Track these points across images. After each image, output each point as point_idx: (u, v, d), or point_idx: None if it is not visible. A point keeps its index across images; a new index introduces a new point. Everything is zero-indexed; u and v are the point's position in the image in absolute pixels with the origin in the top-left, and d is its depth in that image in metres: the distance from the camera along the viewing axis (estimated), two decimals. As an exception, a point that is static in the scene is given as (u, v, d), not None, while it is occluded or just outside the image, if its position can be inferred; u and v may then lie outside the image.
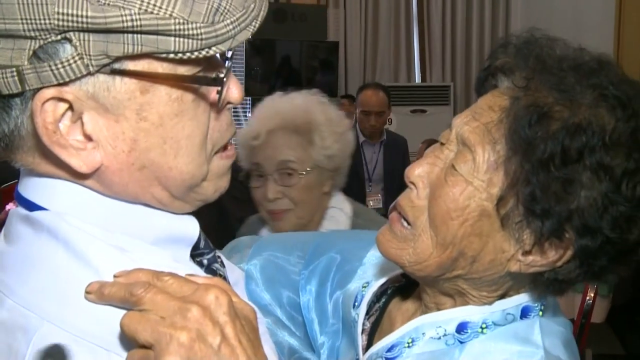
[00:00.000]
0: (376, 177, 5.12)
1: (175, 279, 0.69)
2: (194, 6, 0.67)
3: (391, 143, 5.15)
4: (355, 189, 5.06)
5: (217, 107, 0.77)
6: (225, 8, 0.69)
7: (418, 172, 0.92)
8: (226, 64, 0.75)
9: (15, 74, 0.66)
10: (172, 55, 0.68)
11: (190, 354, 0.64)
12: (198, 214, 0.82)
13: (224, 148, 0.81)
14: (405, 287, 1.09)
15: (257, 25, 0.72)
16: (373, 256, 1.14)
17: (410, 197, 0.93)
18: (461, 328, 0.93)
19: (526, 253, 0.88)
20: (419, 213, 0.91)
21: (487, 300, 0.93)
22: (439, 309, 0.97)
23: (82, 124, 0.70)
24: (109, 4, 0.65)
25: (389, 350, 0.97)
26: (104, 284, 0.69)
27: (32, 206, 0.76)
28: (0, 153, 0.77)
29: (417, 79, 8.64)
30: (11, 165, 0.76)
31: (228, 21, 0.69)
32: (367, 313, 1.07)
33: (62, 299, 0.70)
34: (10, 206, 0.80)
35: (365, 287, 1.08)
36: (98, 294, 0.69)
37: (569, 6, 7.55)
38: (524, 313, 0.93)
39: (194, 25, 0.67)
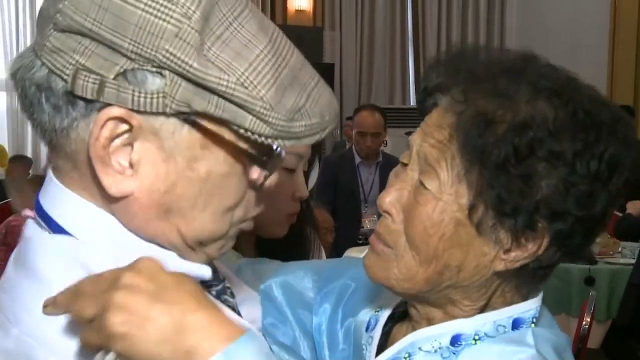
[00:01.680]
0: (372, 198, 5.11)
1: (88, 279, 0.70)
2: (283, 98, 0.70)
3: (387, 164, 5.15)
4: (351, 210, 5.07)
5: (256, 186, 0.79)
6: (306, 110, 0.72)
7: (389, 199, 0.95)
8: (278, 156, 0.78)
9: (97, 82, 0.67)
10: (242, 131, 0.70)
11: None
12: None
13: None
14: (407, 312, 1.09)
15: (323, 136, 0.75)
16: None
17: (386, 224, 0.96)
18: (455, 340, 0.95)
19: (507, 251, 0.91)
20: (397, 236, 0.94)
21: (476, 306, 0.96)
22: (430, 324, 0.98)
23: (132, 150, 0.71)
24: (213, 62, 0.67)
25: None
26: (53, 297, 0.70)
27: (46, 217, 0.76)
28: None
29: (412, 101, 8.68)
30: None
31: (303, 122, 0.72)
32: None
33: (62, 329, 0.69)
34: (27, 212, 0.79)
35: (378, 311, 1.09)
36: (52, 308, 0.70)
37: (564, 30, 7.64)
38: (515, 325, 0.95)
39: (276, 115, 0.69)
